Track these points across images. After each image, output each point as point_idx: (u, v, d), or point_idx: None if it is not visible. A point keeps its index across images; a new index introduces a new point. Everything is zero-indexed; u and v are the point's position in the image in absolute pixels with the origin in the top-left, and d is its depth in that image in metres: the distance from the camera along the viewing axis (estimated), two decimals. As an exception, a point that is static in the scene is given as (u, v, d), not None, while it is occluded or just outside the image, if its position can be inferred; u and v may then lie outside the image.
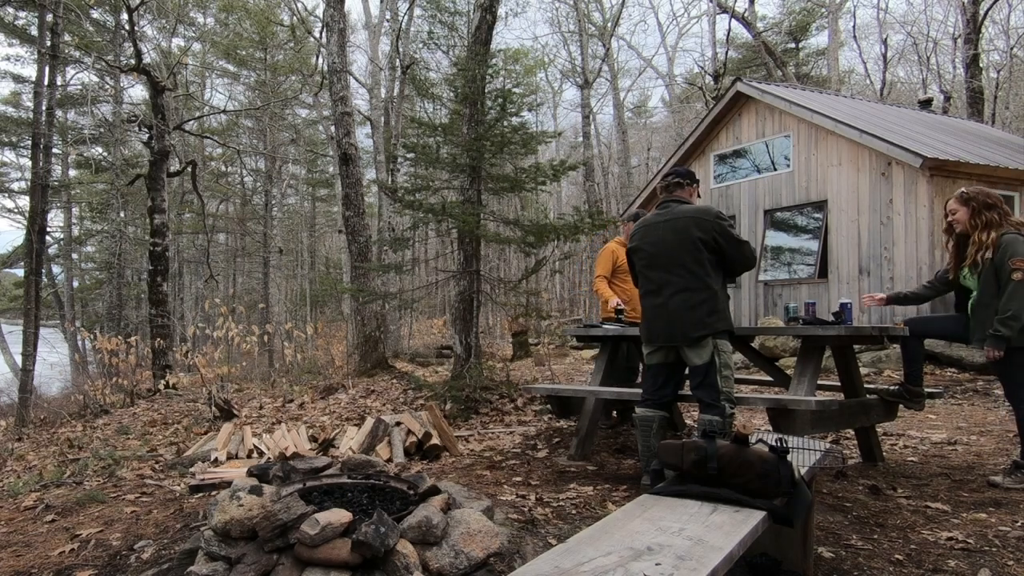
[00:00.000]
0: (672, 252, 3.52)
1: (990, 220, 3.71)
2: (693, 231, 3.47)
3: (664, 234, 3.57)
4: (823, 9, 24.02)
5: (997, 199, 3.75)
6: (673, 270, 3.52)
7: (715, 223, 3.47)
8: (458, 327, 7.28)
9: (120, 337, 11.83)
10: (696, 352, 3.47)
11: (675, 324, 3.50)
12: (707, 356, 3.45)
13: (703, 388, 3.46)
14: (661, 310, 3.57)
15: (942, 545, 2.89)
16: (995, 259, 3.63)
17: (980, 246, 3.71)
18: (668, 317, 3.53)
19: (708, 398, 3.44)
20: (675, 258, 3.51)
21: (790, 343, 9.00)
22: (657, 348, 3.67)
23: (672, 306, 3.51)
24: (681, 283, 3.50)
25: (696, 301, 3.45)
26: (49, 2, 13.67)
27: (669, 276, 3.54)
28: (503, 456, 4.86)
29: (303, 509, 2.31)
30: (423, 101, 20.16)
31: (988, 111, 19.64)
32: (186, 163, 16.34)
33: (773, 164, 11.33)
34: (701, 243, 3.45)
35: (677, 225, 3.53)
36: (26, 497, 4.48)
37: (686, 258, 3.48)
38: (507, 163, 9.58)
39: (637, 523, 1.96)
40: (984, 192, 3.78)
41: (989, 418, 5.65)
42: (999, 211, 3.71)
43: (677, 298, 3.50)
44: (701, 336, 3.44)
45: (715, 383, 3.43)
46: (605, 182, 30.15)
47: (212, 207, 25.54)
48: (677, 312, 3.49)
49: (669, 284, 3.54)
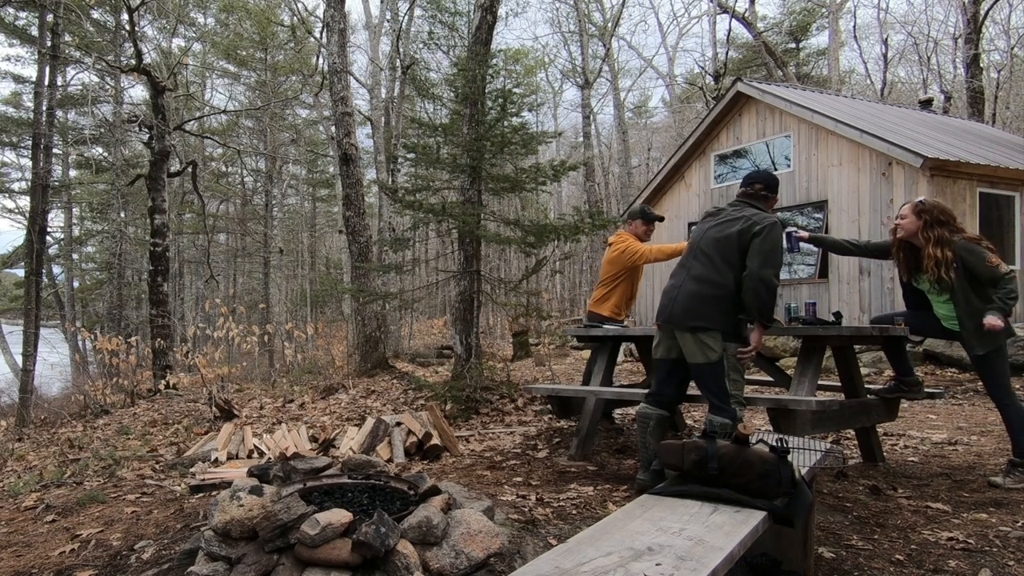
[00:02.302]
0: (709, 241, 3.46)
1: (940, 236, 3.75)
2: (740, 229, 3.36)
3: (714, 225, 3.51)
4: (823, 9, 24.01)
5: (951, 216, 3.81)
6: (700, 257, 3.47)
7: (762, 227, 3.32)
8: (458, 327, 7.28)
9: (120, 337, 11.83)
10: (698, 348, 3.35)
11: (678, 304, 3.44)
12: (711, 356, 3.32)
13: (709, 390, 3.38)
14: (673, 290, 3.53)
15: (943, 545, 2.88)
16: (964, 269, 3.69)
17: (937, 262, 3.75)
18: (676, 296, 3.48)
19: (716, 400, 3.36)
20: (707, 247, 3.45)
21: (790, 343, 9.00)
22: (660, 340, 3.60)
23: (684, 288, 3.46)
24: (701, 271, 3.43)
25: (706, 292, 3.37)
26: (49, 2, 13.68)
27: (694, 261, 3.50)
28: (503, 456, 4.86)
29: (303, 509, 2.31)
30: (423, 101, 20.14)
31: (989, 111, 19.63)
32: (186, 163, 16.34)
33: (773, 164, 11.33)
34: (739, 241, 3.34)
35: (731, 220, 3.45)
36: (26, 497, 4.48)
37: (713, 250, 3.42)
38: (507, 163, 9.58)
39: (637, 523, 1.96)
40: (940, 207, 3.82)
41: (990, 418, 5.65)
42: (950, 228, 3.77)
43: (691, 283, 3.44)
44: (696, 328, 3.35)
45: (721, 384, 3.34)
46: (605, 182, 30.14)
47: (212, 207, 25.55)
48: (685, 295, 3.43)
49: (691, 267, 3.50)
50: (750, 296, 3.27)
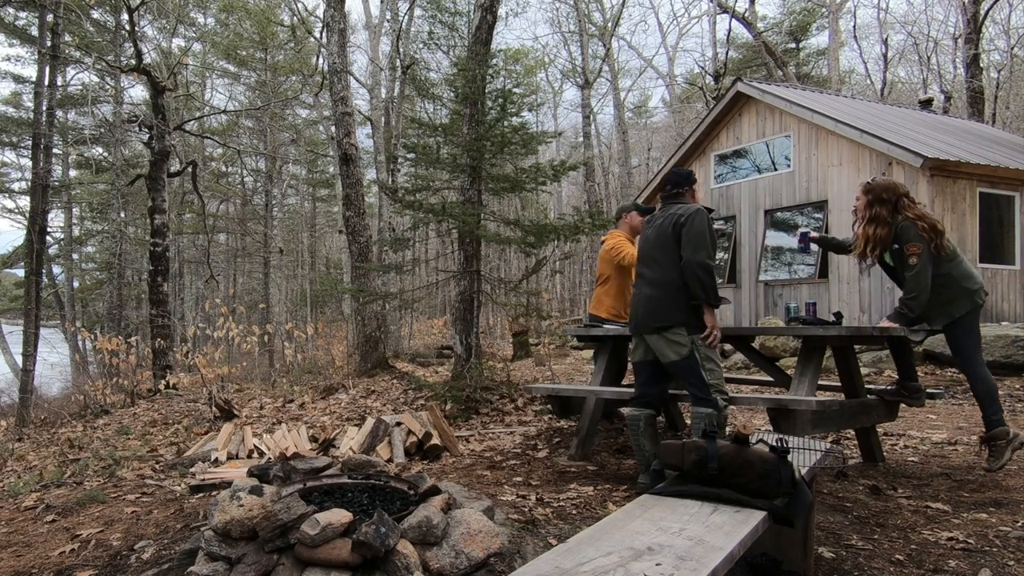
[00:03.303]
0: (651, 246, 3.68)
1: (876, 215, 3.80)
2: (672, 225, 3.57)
3: (652, 230, 3.72)
4: (823, 9, 24.00)
5: (897, 194, 3.80)
6: (649, 263, 3.69)
7: (687, 218, 3.50)
8: (458, 327, 7.28)
9: (120, 337, 11.83)
10: (668, 346, 3.51)
11: (641, 312, 3.65)
12: (682, 352, 3.48)
13: (688, 383, 3.53)
14: (636, 300, 3.76)
15: (943, 545, 2.88)
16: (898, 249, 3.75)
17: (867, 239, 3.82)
18: (638, 306, 3.70)
19: (697, 392, 3.49)
20: (652, 251, 3.67)
21: (790, 343, 9.00)
22: (636, 345, 3.79)
23: (643, 295, 3.68)
24: (651, 275, 3.65)
25: (662, 293, 3.56)
26: (49, 2, 13.69)
27: (644, 268, 3.73)
28: (503, 456, 4.86)
29: (303, 509, 2.31)
30: (423, 101, 20.13)
31: (988, 111, 19.63)
32: (186, 163, 16.34)
33: (773, 164, 11.33)
34: (675, 237, 3.54)
35: (664, 222, 3.64)
36: (26, 497, 4.48)
37: (658, 251, 3.62)
38: (507, 163, 9.58)
39: (637, 523, 1.96)
40: (884, 185, 3.84)
41: (990, 418, 5.64)
42: (892, 206, 3.78)
43: (648, 289, 3.66)
44: (659, 328, 3.52)
45: (699, 375, 3.48)
46: (605, 182, 30.15)
47: (212, 207, 25.54)
48: (645, 301, 3.64)
49: (642, 275, 3.75)
50: (692, 282, 3.46)
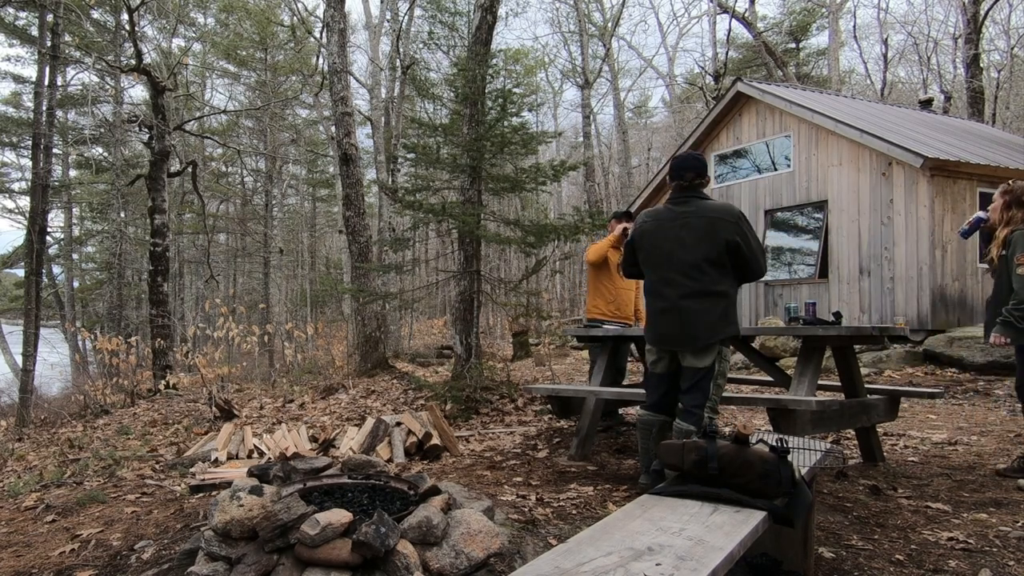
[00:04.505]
0: (689, 251, 3.28)
1: (1012, 217, 3.71)
2: (718, 232, 3.23)
3: (682, 231, 3.31)
4: (823, 9, 24.00)
5: None
6: (689, 272, 3.29)
7: (738, 226, 3.25)
8: (458, 327, 7.28)
9: (120, 337, 11.83)
10: (699, 357, 3.31)
11: (687, 328, 3.29)
12: (708, 361, 3.30)
13: (692, 392, 3.32)
14: (672, 314, 3.34)
15: (943, 545, 2.88)
16: (1007, 255, 3.66)
17: (996, 242, 3.72)
18: (680, 320, 3.30)
19: (693, 403, 3.30)
20: (692, 259, 3.28)
21: (790, 343, 9.00)
22: (662, 355, 3.47)
23: (684, 309, 3.29)
24: (696, 286, 3.28)
25: (710, 306, 3.26)
26: (49, 2, 13.69)
27: (682, 278, 3.31)
28: (503, 456, 4.86)
29: (303, 509, 2.31)
30: (423, 101, 20.13)
31: (988, 111, 19.63)
32: (186, 163, 16.34)
33: (773, 164, 11.33)
34: (725, 246, 3.23)
35: (699, 223, 3.28)
36: (26, 497, 4.48)
37: (702, 260, 3.26)
38: (507, 163, 9.58)
39: (637, 523, 1.96)
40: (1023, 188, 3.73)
41: (990, 418, 5.65)
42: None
43: (691, 301, 3.28)
44: (710, 344, 3.28)
45: (707, 389, 3.30)
46: (606, 182, 30.14)
47: (212, 207, 25.54)
48: (690, 316, 3.28)
49: (681, 285, 3.31)
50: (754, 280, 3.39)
